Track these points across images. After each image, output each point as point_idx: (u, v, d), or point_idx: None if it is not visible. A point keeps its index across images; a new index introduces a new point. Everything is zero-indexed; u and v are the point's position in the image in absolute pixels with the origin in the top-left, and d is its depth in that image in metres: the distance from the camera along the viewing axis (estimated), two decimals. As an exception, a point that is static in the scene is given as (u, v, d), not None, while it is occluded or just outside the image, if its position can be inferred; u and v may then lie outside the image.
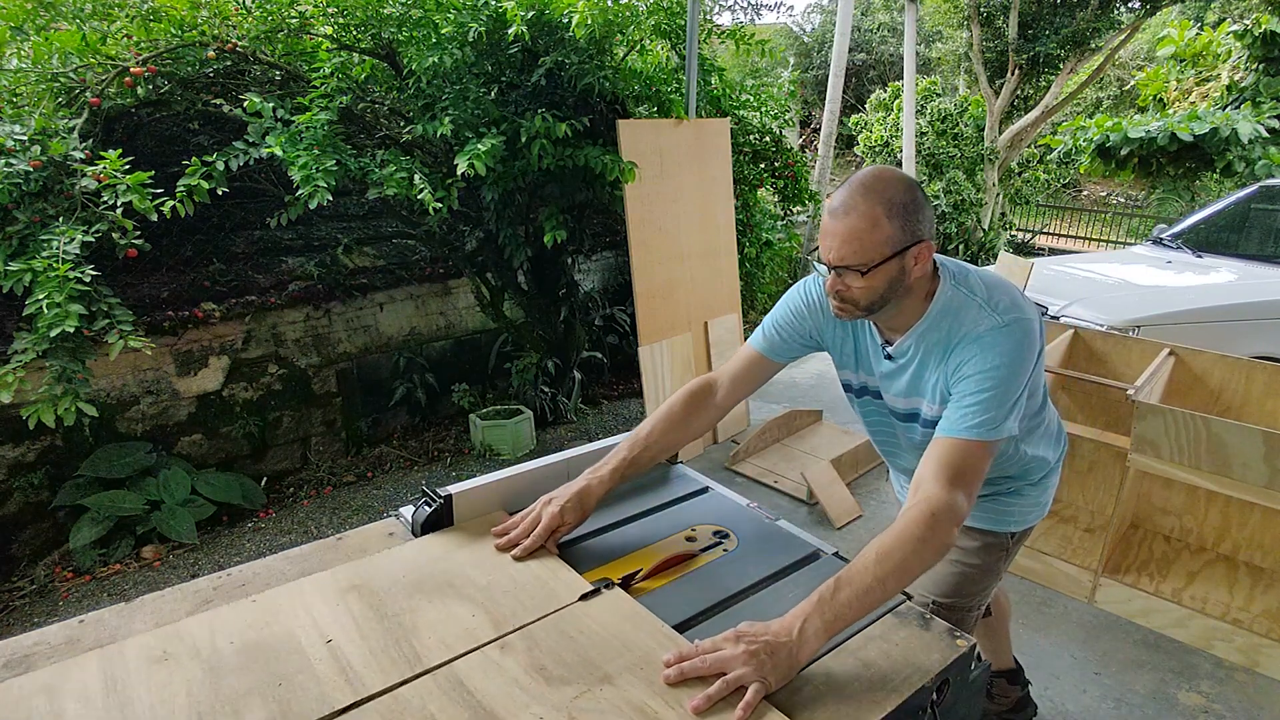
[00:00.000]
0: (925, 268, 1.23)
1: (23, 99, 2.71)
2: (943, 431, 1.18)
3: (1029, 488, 1.53)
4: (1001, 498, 1.53)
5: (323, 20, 3.11)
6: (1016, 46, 8.35)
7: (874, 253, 1.16)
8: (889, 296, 1.22)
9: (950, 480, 1.12)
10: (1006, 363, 1.18)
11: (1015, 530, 1.54)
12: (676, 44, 3.94)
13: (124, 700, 0.84)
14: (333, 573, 1.09)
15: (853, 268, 1.17)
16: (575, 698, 0.86)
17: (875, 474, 3.74)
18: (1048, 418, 1.52)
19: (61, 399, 2.38)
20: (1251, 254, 4.33)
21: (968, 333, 1.22)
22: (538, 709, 0.84)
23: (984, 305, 1.23)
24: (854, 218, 1.16)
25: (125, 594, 2.79)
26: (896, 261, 1.18)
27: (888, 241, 1.16)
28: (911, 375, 1.33)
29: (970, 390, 1.19)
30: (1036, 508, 1.56)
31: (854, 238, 1.16)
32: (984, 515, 1.53)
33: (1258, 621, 2.44)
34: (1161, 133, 7.13)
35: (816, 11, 15.21)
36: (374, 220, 4.25)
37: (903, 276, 1.21)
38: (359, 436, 4.01)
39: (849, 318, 1.28)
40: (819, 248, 1.23)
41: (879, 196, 1.15)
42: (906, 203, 1.17)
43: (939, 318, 1.27)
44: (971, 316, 1.23)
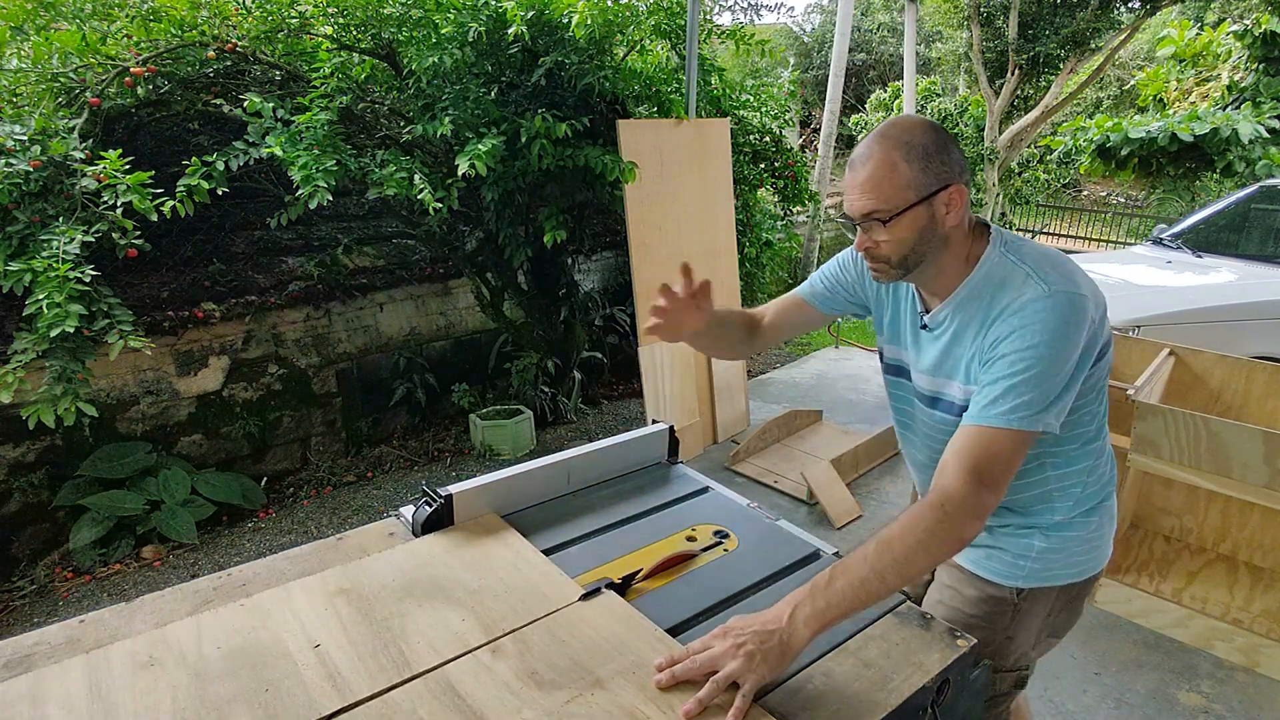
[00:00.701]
0: (960, 214, 1.11)
1: (23, 99, 2.71)
2: (968, 419, 1.06)
3: (1043, 533, 1.24)
4: (1004, 537, 1.26)
5: (323, 20, 3.11)
6: (1016, 46, 8.35)
7: (896, 198, 1.07)
8: (923, 250, 1.11)
9: (969, 471, 1.00)
10: (1048, 340, 1.03)
11: (1022, 587, 1.25)
12: (676, 44, 3.94)
13: (108, 707, 0.83)
14: (321, 576, 1.08)
15: (874, 216, 1.09)
16: (566, 702, 0.85)
17: (875, 474, 3.74)
18: (1095, 444, 1.24)
19: (61, 399, 2.38)
20: (1251, 254, 4.32)
21: (1009, 303, 1.08)
22: (528, 714, 0.84)
23: (1032, 274, 1.08)
24: (871, 165, 1.08)
25: (125, 594, 2.79)
26: (924, 208, 1.08)
27: (909, 185, 1.07)
28: (943, 349, 1.19)
29: (1003, 372, 1.04)
30: (1058, 565, 1.25)
31: (873, 185, 1.08)
32: (979, 557, 1.29)
33: (1258, 621, 2.44)
34: (1162, 133, 7.14)
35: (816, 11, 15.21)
36: (374, 220, 4.25)
37: (934, 225, 1.10)
38: (359, 436, 4.01)
39: (885, 278, 1.17)
40: (844, 204, 1.15)
41: (895, 140, 1.08)
42: (927, 144, 1.07)
43: (980, 285, 1.13)
44: (1015, 285, 1.09)
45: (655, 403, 3.60)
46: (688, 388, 3.80)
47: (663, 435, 1.54)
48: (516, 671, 0.90)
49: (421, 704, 0.84)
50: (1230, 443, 2.27)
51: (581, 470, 1.42)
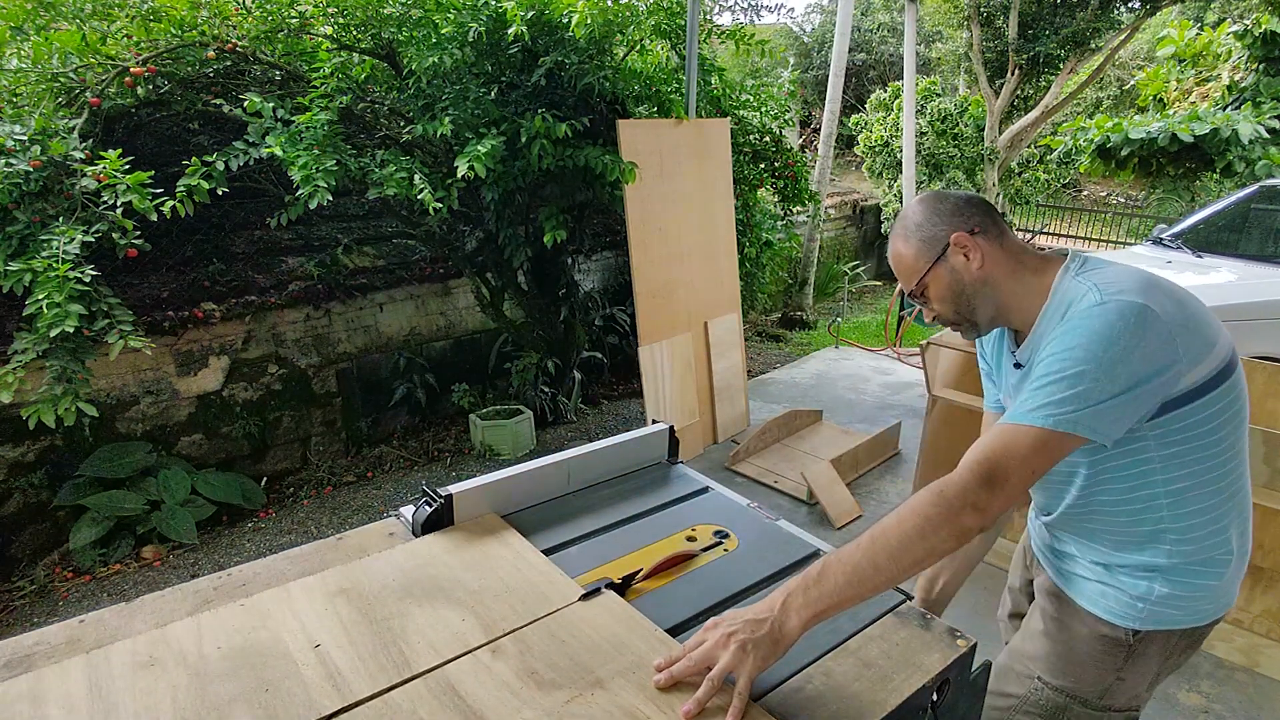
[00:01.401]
0: (983, 257, 1.16)
1: (23, 99, 2.71)
2: (1000, 420, 1.07)
3: (1165, 577, 1.15)
4: (1123, 577, 1.18)
5: (323, 20, 3.11)
6: (1016, 46, 8.34)
7: (913, 275, 1.22)
8: (967, 298, 1.20)
9: (978, 462, 0.98)
10: (1087, 343, 0.99)
11: (1139, 629, 1.17)
12: (676, 44, 3.94)
13: (108, 707, 0.83)
14: (321, 576, 1.08)
15: (912, 294, 1.25)
16: (566, 702, 0.85)
17: (875, 474, 3.74)
18: (1219, 485, 1.14)
19: (61, 399, 2.38)
20: (1251, 254, 4.32)
21: (1068, 316, 1.07)
22: (529, 714, 0.84)
23: (1094, 288, 1.06)
24: (891, 257, 1.27)
25: (125, 594, 2.79)
26: (941, 268, 1.19)
27: (918, 257, 1.21)
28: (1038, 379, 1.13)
29: (1040, 373, 1.03)
30: (1182, 610, 1.16)
31: (898, 271, 1.25)
32: (1094, 594, 1.21)
33: (1258, 621, 2.44)
34: (1162, 133, 7.14)
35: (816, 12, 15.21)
36: (374, 220, 4.25)
37: (963, 275, 1.18)
38: (359, 436, 4.01)
39: (965, 336, 1.28)
40: None
41: (897, 231, 1.24)
42: (920, 221, 1.21)
43: (1054, 310, 1.13)
44: (1078, 299, 1.07)
45: (655, 403, 3.60)
46: (688, 388, 3.80)
47: (663, 435, 1.54)
48: (516, 671, 0.90)
49: (421, 704, 0.84)
50: (1230, 443, 2.27)
51: (581, 470, 1.42)
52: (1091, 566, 1.24)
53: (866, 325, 6.73)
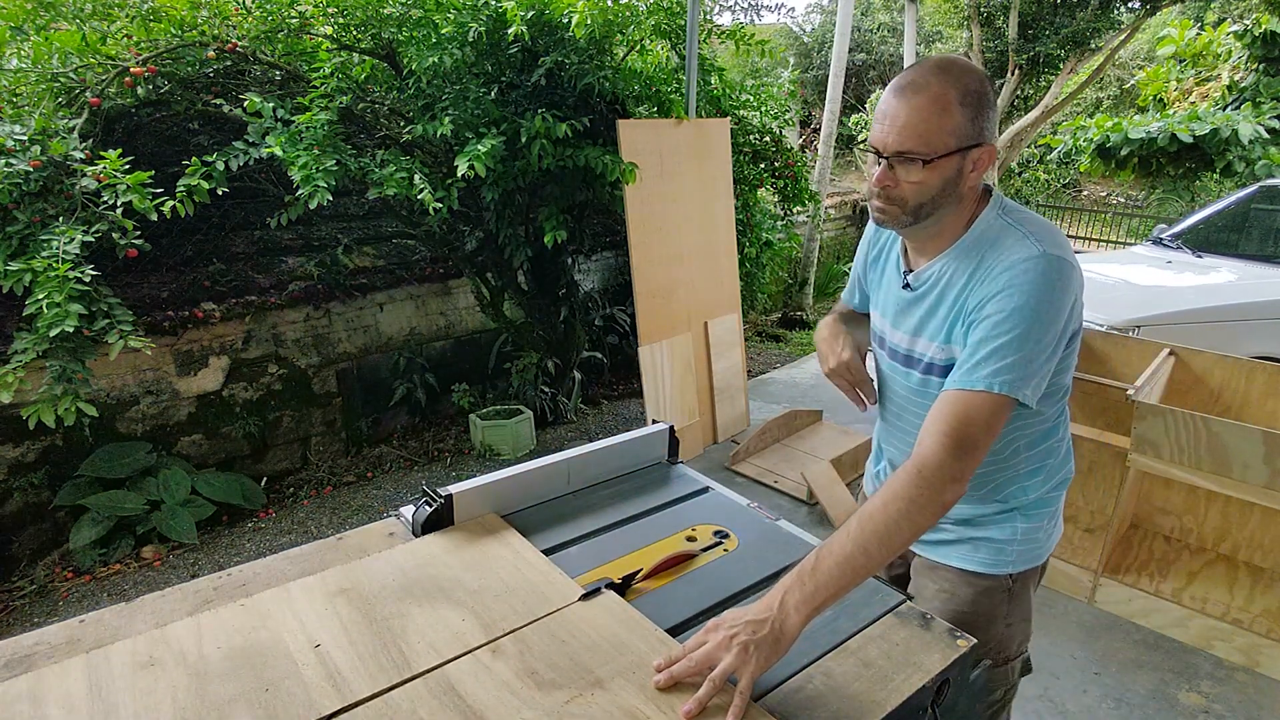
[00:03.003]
0: (980, 178, 1.09)
1: (23, 99, 2.71)
2: (950, 383, 1.04)
3: (1022, 513, 1.25)
4: (988, 526, 1.26)
5: (323, 20, 3.11)
6: (1016, 46, 8.35)
7: (940, 141, 1.01)
8: (940, 202, 1.07)
9: (947, 435, 0.99)
10: (1034, 303, 1.01)
11: (1013, 572, 1.26)
12: (676, 44, 3.94)
13: (108, 707, 0.83)
14: (321, 576, 1.08)
15: (914, 155, 1.02)
16: (566, 702, 0.85)
17: (875, 474, 3.74)
18: (1061, 425, 1.26)
19: (61, 399, 2.38)
20: (1251, 254, 4.33)
21: (1000, 260, 1.05)
22: (528, 714, 0.84)
23: (1027, 235, 1.06)
24: (924, 98, 1.01)
25: (125, 594, 2.79)
26: (958, 159, 1.04)
27: (955, 131, 1.02)
28: (926, 310, 1.16)
29: (987, 333, 1.02)
30: (1039, 542, 1.27)
31: (921, 120, 1.01)
32: (966, 553, 1.27)
33: (1258, 621, 2.44)
34: (1161, 133, 7.13)
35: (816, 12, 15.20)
36: (374, 220, 4.25)
37: (958, 181, 1.06)
38: (359, 436, 4.01)
39: (890, 223, 1.12)
40: (870, 135, 1.08)
41: (954, 79, 1.01)
42: (982, 93, 1.03)
43: (972, 245, 1.11)
44: (1009, 244, 1.06)
45: (655, 403, 3.60)
46: (688, 388, 3.80)
47: (663, 435, 1.54)
48: (516, 671, 0.90)
49: (421, 704, 0.84)
50: (1230, 443, 2.27)
51: (581, 470, 1.42)
52: (955, 527, 1.28)
53: (866, 325, 6.72)
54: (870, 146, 1.08)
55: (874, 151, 1.07)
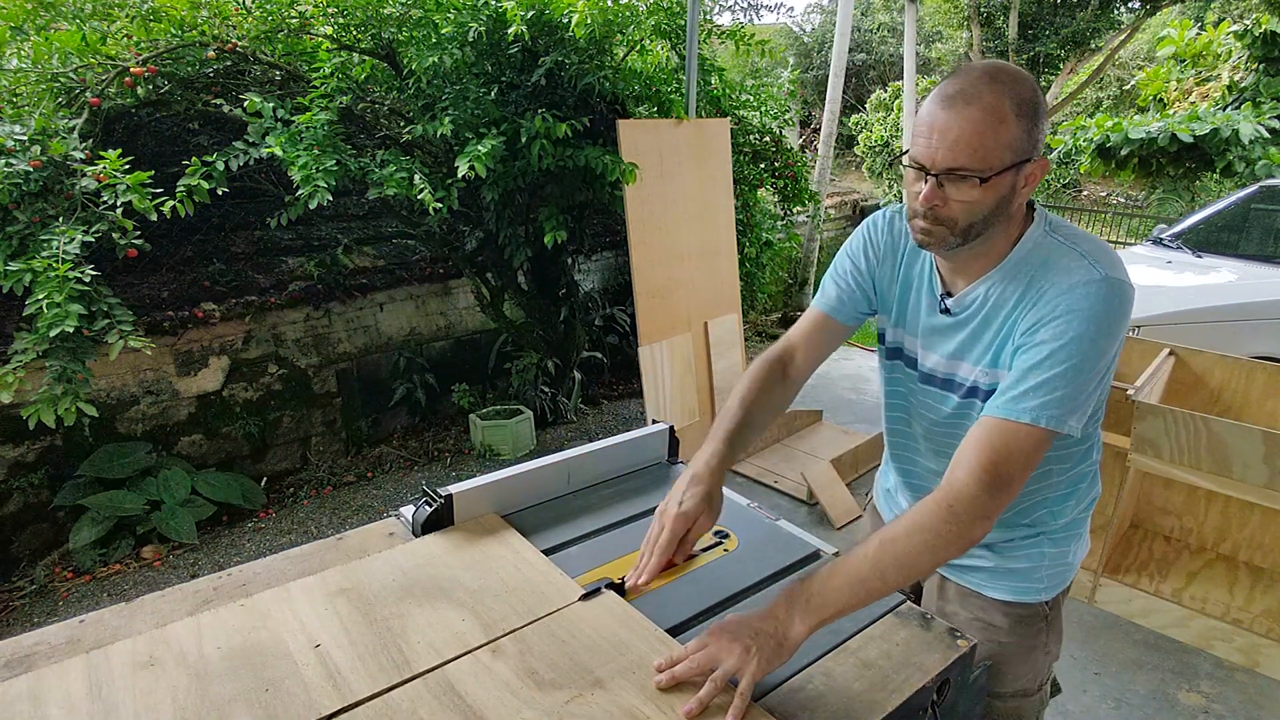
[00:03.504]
0: (1030, 194, 1.01)
1: (23, 99, 2.71)
2: (991, 410, 0.96)
3: (1050, 538, 1.19)
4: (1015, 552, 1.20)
5: (323, 20, 3.11)
6: (1016, 46, 8.35)
7: (995, 156, 0.92)
8: (991, 222, 0.98)
9: (985, 468, 0.93)
10: (1093, 332, 0.94)
11: (1047, 599, 1.22)
12: (676, 44, 3.94)
13: (108, 707, 0.83)
14: (321, 576, 1.08)
15: (969, 173, 0.93)
16: (566, 702, 0.85)
17: (875, 474, 3.74)
18: (1095, 447, 1.20)
19: (61, 399, 2.38)
20: (1251, 254, 4.33)
21: (1056, 283, 0.97)
22: (529, 714, 0.83)
23: (1083, 255, 0.98)
24: (977, 109, 0.91)
25: (125, 594, 2.79)
26: (1012, 175, 0.95)
27: (1011, 145, 0.93)
28: (969, 335, 1.07)
29: (1037, 360, 0.95)
30: (1066, 564, 1.23)
31: (976, 134, 0.91)
32: (998, 581, 1.22)
33: (1258, 621, 2.44)
34: (1162, 133, 7.13)
35: (816, 12, 15.21)
36: (374, 220, 4.25)
37: (1011, 198, 0.98)
38: (359, 436, 4.01)
39: (936, 246, 1.01)
40: (913, 149, 0.97)
41: (1008, 89, 0.92)
42: (1036, 102, 0.94)
43: (1021, 264, 1.03)
44: (1063, 265, 0.98)
45: (655, 403, 3.60)
46: (688, 388, 3.80)
47: (663, 435, 1.54)
48: (516, 671, 0.90)
49: (422, 704, 0.84)
50: (1230, 443, 2.27)
51: (581, 470, 1.41)
52: (981, 552, 1.21)
53: (866, 325, 6.72)
54: (914, 162, 0.97)
55: (918, 168, 0.96)
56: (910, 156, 0.97)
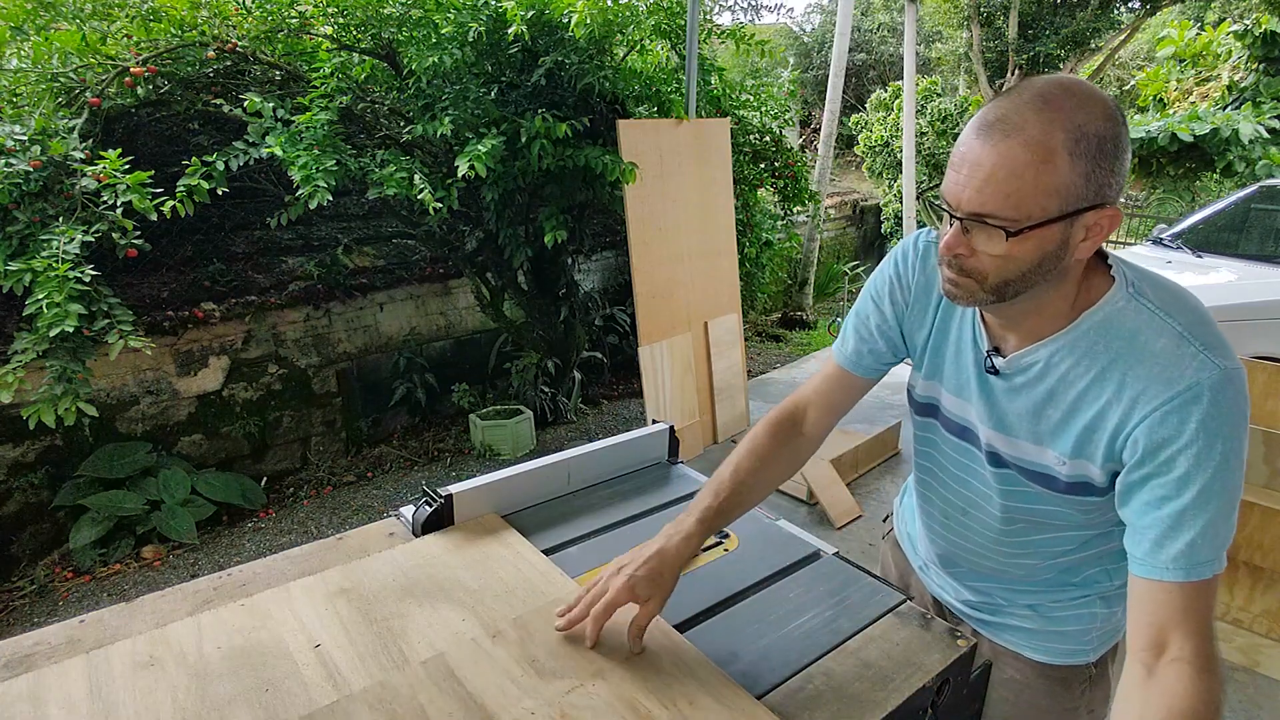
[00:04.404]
0: (1094, 249, 0.80)
1: (23, 99, 2.72)
2: (1171, 573, 0.78)
3: (1102, 598, 1.05)
4: (1061, 615, 1.06)
5: (323, 20, 3.11)
6: (1016, 46, 8.35)
7: (1034, 204, 0.74)
8: (1033, 280, 0.80)
9: (1202, 635, 0.77)
10: (1238, 448, 0.78)
11: (1093, 660, 1.08)
12: (676, 44, 3.94)
13: (108, 707, 0.83)
14: (321, 576, 1.08)
15: (996, 221, 0.75)
16: (567, 692, 0.86)
17: (875, 474, 3.74)
18: None
19: (61, 399, 2.39)
20: (1251, 254, 4.33)
21: (1159, 377, 0.79)
22: (529, 703, 0.84)
23: (1186, 336, 0.79)
24: (1017, 144, 0.73)
25: (125, 594, 2.79)
26: (1062, 228, 0.76)
27: (1060, 191, 0.74)
28: (1028, 407, 0.90)
29: (1189, 503, 0.77)
30: (1119, 621, 1.07)
31: (1011, 175, 0.74)
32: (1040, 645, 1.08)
33: (1258, 621, 2.44)
34: (1162, 133, 7.14)
35: (816, 12, 15.21)
36: (374, 220, 4.25)
37: (1062, 254, 0.78)
38: (359, 436, 4.01)
39: (963, 300, 0.84)
40: (945, 181, 0.80)
41: (1064, 118, 0.73)
42: (1104, 137, 0.74)
43: (1100, 333, 0.84)
44: (1162, 349, 0.80)
45: (655, 403, 3.60)
46: (688, 388, 3.80)
47: (663, 435, 1.54)
48: (517, 658, 0.90)
49: (422, 689, 0.85)
50: (1230, 443, 2.27)
51: (581, 470, 1.41)
52: (1023, 612, 1.09)
53: (866, 325, 6.73)
54: (942, 199, 0.81)
55: (945, 207, 0.80)
56: (942, 189, 0.81)
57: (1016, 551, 1.03)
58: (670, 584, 0.94)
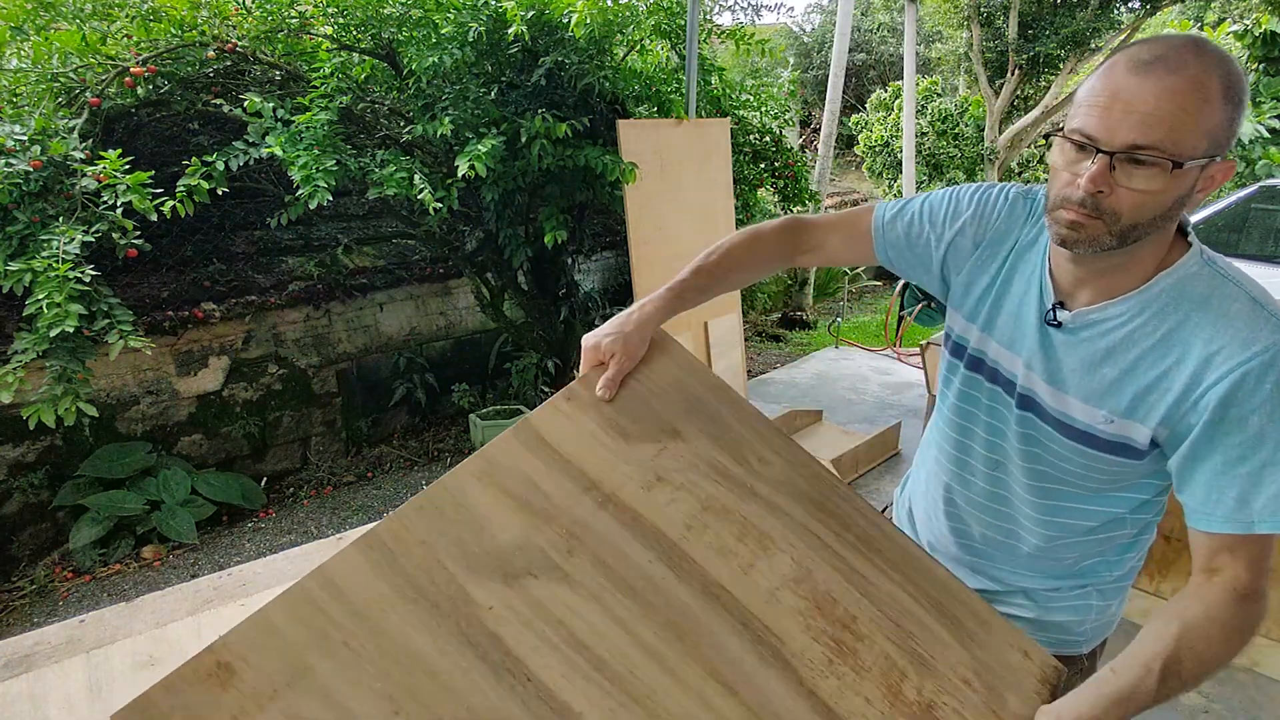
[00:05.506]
0: (1203, 199, 0.82)
1: (23, 99, 2.71)
2: (1260, 524, 0.80)
3: (1099, 590, 1.07)
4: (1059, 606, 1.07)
5: (323, 20, 3.11)
6: (1016, 46, 8.35)
7: (1193, 141, 0.74)
8: (1158, 225, 0.80)
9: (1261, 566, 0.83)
10: None
11: (1086, 651, 1.10)
12: (676, 44, 3.94)
13: (108, 707, 0.84)
14: None
15: (1161, 154, 0.74)
16: (655, 455, 0.88)
17: (875, 474, 3.74)
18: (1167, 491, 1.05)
19: (61, 399, 2.38)
20: (1251, 254, 4.33)
21: (1240, 338, 0.80)
22: (625, 469, 0.86)
23: (1259, 302, 0.82)
24: (1183, 80, 0.72)
25: (125, 594, 2.79)
26: (1197, 170, 0.76)
27: (1210, 133, 0.74)
28: (1081, 361, 0.90)
29: (1273, 451, 0.79)
30: (1114, 613, 1.10)
31: (1179, 109, 0.73)
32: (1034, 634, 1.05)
33: (1258, 621, 2.44)
34: (1161, 133, 7.13)
35: (816, 11, 15.21)
36: (374, 220, 4.25)
37: (1186, 200, 0.79)
38: (359, 436, 4.01)
39: (1082, 245, 0.81)
40: (1080, 121, 0.78)
41: (1217, 62, 0.74)
42: (1244, 89, 0.76)
43: (1171, 295, 0.84)
44: (1240, 312, 0.81)
45: (655, 403, 3.60)
46: (688, 388, 3.79)
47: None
48: (600, 424, 0.92)
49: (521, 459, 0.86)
50: (1230, 443, 2.26)
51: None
52: (1020, 600, 1.09)
53: (866, 325, 6.74)
54: (1081, 135, 0.78)
55: (1088, 143, 0.77)
56: (1075, 129, 0.78)
57: (1038, 517, 1.01)
58: (637, 344, 1.01)
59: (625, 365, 0.99)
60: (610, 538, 0.80)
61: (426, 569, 0.74)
